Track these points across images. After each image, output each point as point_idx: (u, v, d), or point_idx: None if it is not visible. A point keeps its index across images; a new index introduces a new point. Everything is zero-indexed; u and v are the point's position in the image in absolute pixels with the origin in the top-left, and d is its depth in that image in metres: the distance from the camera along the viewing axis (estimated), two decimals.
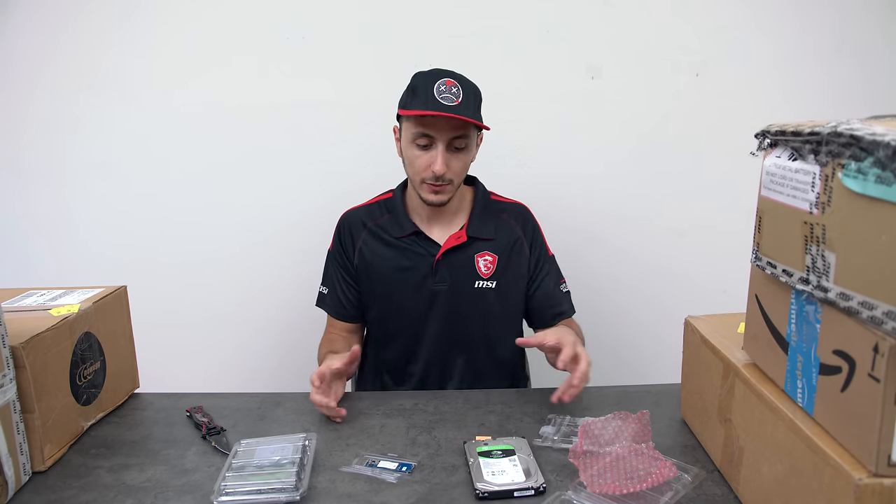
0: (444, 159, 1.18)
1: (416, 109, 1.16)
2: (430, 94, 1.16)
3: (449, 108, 1.15)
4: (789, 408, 0.69)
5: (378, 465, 0.90)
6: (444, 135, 1.17)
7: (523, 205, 1.39)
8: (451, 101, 1.16)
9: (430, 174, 1.19)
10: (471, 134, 1.21)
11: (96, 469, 0.92)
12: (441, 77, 1.18)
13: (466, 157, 1.23)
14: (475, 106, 1.21)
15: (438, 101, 1.15)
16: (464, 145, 1.20)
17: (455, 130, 1.18)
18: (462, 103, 1.16)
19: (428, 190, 1.22)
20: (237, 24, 1.68)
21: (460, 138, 1.19)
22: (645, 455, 0.86)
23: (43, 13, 1.68)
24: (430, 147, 1.19)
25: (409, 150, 1.22)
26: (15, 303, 1.06)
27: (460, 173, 1.23)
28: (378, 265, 1.31)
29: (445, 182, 1.20)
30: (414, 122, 1.19)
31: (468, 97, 1.18)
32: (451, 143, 1.19)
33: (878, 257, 0.55)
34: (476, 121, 1.18)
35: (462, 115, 1.14)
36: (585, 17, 1.69)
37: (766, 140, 0.75)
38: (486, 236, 1.30)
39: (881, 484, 0.56)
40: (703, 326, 0.95)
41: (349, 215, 1.36)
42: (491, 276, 1.29)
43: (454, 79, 1.19)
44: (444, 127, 1.17)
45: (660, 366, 1.37)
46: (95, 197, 1.79)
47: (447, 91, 1.16)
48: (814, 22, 1.70)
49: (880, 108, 0.77)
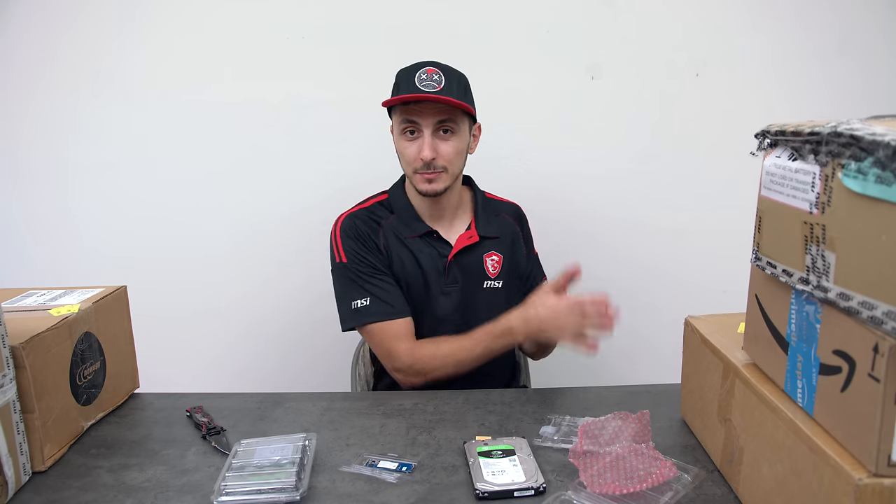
0: (430, 144, 1.18)
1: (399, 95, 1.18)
2: (411, 82, 1.17)
3: (430, 93, 1.15)
4: (789, 408, 0.69)
5: (378, 465, 0.90)
6: (428, 120, 1.18)
7: (517, 204, 1.41)
8: (433, 87, 1.16)
9: (421, 163, 1.19)
10: (458, 119, 1.20)
11: (96, 469, 0.92)
12: (422, 67, 1.19)
13: (457, 143, 1.21)
14: (459, 90, 1.21)
15: (419, 88, 1.16)
16: (451, 129, 1.20)
17: (440, 114, 1.18)
18: (444, 88, 1.17)
19: (421, 179, 1.21)
20: (237, 24, 1.68)
21: (446, 122, 1.19)
22: (645, 455, 0.86)
23: (43, 13, 1.68)
24: (417, 135, 1.20)
25: (400, 142, 1.23)
26: (15, 303, 1.06)
27: (452, 160, 1.21)
28: (395, 266, 1.28)
29: (438, 169, 1.20)
30: (399, 112, 1.20)
31: (451, 82, 1.18)
32: (437, 129, 1.19)
33: (878, 257, 0.55)
34: (459, 101, 1.17)
35: (443, 97, 1.15)
36: (585, 17, 1.69)
37: (765, 140, 0.75)
38: (493, 234, 1.31)
39: (881, 484, 0.56)
40: (703, 326, 0.95)
41: (353, 217, 1.29)
42: (497, 276, 1.30)
43: (436, 67, 1.20)
44: (428, 112, 1.17)
45: (660, 366, 1.37)
46: (95, 197, 1.79)
47: (428, 78, 1.17)
48: (814, 22, 1.70)
49: (880, 108, 0.77)
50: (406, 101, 1.17)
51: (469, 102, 1.23)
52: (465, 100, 1.21)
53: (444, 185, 1.22)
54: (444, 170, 1.21)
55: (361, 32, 1.68)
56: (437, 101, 1.15)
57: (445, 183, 1.22)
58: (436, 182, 1.21)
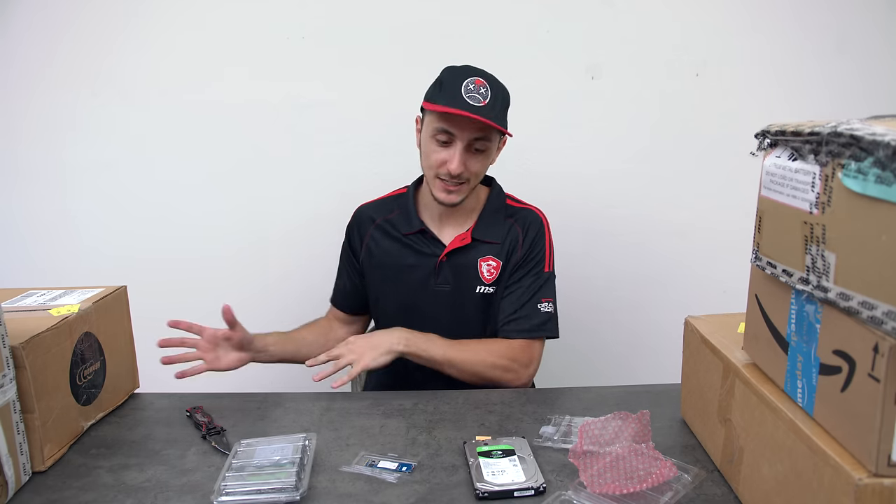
0: (461, 159, 1.16)
1: (442, 105, 1.14)
2: (457, 92, 1.13)
3: (474, 109, 1.12)
4: (789, 408, 0.69)
5: (378, 465, 0.90)
6: (465, 134, 1.15)
7: (537, 211, 1.33)
8: (478, 102, 1.13)
9: (445, 171, 1.17)
10: (492, 137, 1.19)
11: (96, 469, 0.92)
12: (471, 75, 1.16)
13: (485, 160, 1.21)
14: (501, 109, 1.18)
15: (465, 100, 1.12)
16: (484, 147, 1.18)
17: (477, 132, 1.15)
18: (488, 105, 1.14)
19: (441, 188, 1.20)
20: (237, 23, 1.68)
21: (481, 140, 1.17)
22: (645, 455, 0.86)
23: (43, 13, 1.68)
24: (449, 144, 1.17)
25: (428, 144, 1.19)
26: (15, 303, 1.06)
27: (477, 175, 1.21)
28: (383, 260, 1.31)
29: (461, 182, 1.19)
30: (437, 118, 1.16)
31: (495, 99, 1.15)
32: (471, 144, 1.16)
33: (878, 257, 0.55)
34: (500, 125, 1.15)
35: (486, 118, 1.12)
36: (585, 17, 1.69)
37: (765, 140, 0.75)
38: (491, 240, 1.28)
39: (881, 484, 0.56)
40: (703, 326, 0.95)
41: (360, 210, 1.37)
42: (493, 282, 1.28)
43: (484, 79, 1.16)
44: (466, 126, 1.14)
45: (660, 366, 1.37)
46: (95, 196, 1.79)
47: (475, 91, 1.14)
48: (814, 22, 1.70)
49: (881, 107, 0.77)
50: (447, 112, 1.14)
51: (506, 120, 1.21)
52: (504, 118, 1.20)
53: (462, 198, 1.22)
54: (466, 182, 1.20)
55: (362, 32, 1.68)
56: (481, 121, 1.12)
57: (464, 195, 1.22)
58: (455, 194, 1.20)
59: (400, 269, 1.29)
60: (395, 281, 1.30)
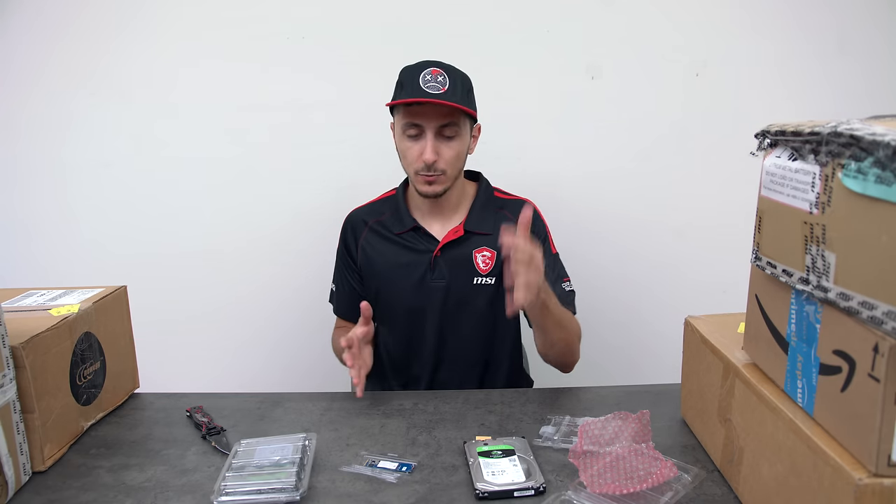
0: (433, 147, 1.18)
1: (403, 98, 1.18)
2: (415, 84, 1.17)
3: (434, 96, 1.16)
4: (789, 408, 0.69)
5: (378, 465, 0.90)
6: (432, 123, 1.18)
7: (527, 200, 1.37)
8: (437, 90, 1.17)
9: (422, 164, 1.20)
10: (461, 122, 1.21)
11: (96, 469, 0.92)
12: (427, 67, 1.19)
13: (459, 146, 1.22)
14: (463, 92, 1.21)
15: (424, 90, 1.16)
16: (454, 133, 1.20)
17: (443, 118, 1.18)
18: (448, 90, 1.17)
19: (422, 181, 1.22)
20: (237, 23, 1.68)
21: (449, 126, 1.19)
22: (645, 455, 0.86)
23: (43, 13, 1.68)
24: (419, 137, 1.20)
25: (401, 143, 1.23)
26: (15, 303, 1.06)
27: (453, 163, 1.22)
28: (378, 261, 1.32)
29: (438, 172, 1.21)
30: (403, 114, 1.20)
31: (455, 84, 1.19)
32: (440, 132, 1.19)
33: (878, 257, 0.55)
34: (463, 106, 1.18)
35: (448, 101, 1.15)
36: (585, 17, 1.68)
37: (765, 140, 0.75)
38: (483, 231, 1.29)
39: (881, 484, 0.56)
40: (703, 326, 0.95)
41: (353, 215, 1.38)
42: (490, 272, 1.29)
43: (440, 68, 1.20)
44: (431, 115, 1.18)
45: (660, 366, 1.37)
46: (95, 196, 1.79)
47: (433, 80, 1.17)
48: (815, 22, 1.70)
49: (883, 108, 0.77)
50: (410, 103, 1.18)
51: (472, 104, 1.24)
52: (468, 102, 1.22)
53: (444, 188, 1.24)
54: (443, 172, 1.21)
55: (361, 32, 1.68)
56: (442, 104, 1.16)
57: (445, 185, 1.24)
58: (435, 184, 1.22)
59: (395, 269, 1.30)
60: (392, 281, 1.31)
